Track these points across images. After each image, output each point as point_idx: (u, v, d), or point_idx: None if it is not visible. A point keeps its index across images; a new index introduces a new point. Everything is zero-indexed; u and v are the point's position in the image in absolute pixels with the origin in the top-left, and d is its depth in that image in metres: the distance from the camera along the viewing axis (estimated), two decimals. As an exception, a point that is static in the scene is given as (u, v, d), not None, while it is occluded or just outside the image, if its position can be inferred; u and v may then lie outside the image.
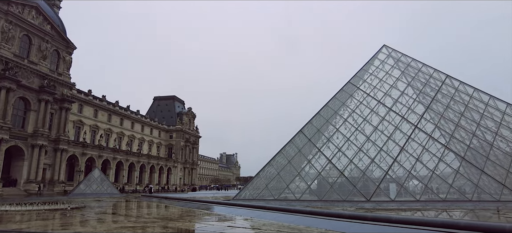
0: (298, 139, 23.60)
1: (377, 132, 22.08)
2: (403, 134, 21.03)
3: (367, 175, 20.14)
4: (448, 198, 17.62)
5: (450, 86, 23.98)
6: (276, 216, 11.39)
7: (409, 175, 19.14)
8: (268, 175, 22.62)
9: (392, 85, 24.62)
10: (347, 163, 21.25)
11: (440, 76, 24.77)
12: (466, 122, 21.56)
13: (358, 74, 26.80)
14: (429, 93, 23.84)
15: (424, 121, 21.60)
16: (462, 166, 19.58)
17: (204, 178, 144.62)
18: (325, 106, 24.76)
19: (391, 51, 27.86)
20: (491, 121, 21.39)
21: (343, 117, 24.39)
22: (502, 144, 20.13)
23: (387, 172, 19.33)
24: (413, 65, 26.31)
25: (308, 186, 20.72)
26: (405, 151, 20.21)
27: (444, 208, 15.20)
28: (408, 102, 23.42)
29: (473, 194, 17.63)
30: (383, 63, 27.02)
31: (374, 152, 21.27)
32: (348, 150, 22.15)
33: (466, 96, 23.09)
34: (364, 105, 24.33)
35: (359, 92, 25.49)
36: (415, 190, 19.39)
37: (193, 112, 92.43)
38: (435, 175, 18.86)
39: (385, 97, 23.80)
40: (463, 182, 19.01)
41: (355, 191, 18.95)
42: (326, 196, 19.72)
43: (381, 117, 22.59)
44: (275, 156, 22.78)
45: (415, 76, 25.24)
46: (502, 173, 18.10)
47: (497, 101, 22.31)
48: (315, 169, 21.46)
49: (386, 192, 19.07)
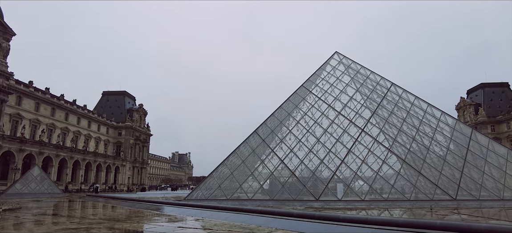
0: (252, 139, 23.83)
1: (327, 134, 23.03)
2: (350, 137, 22.15)
3: (316, 175, 20.94)
4: (390, 198, 18.89)
5: (394, 93, 25.68)
6: (228, 216, 11.41)
7: (355, 176, 20.23)
8: (222, 175, 22.56)
9: (342, 91, 25.82)
10: (298, 164, 21.90)
11: (386, 83, 26.44)
12: (408, 127, 23.24)
13: (311, 78, 27.73)
14: (375, 99, 25.34)
15: (370, 125, 22.92)
16: (402, 168, 21.10)
17: (154, 177, 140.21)
18: (279, 108, 25.29)
19: (342, 58, 29.19)
20: (428, 127, 23.29)
21: (296, 119, 25.09)
22: (436, 148, 22.03)
23: (335, 172, 20.23)
24: (362, 72, 27.80)
25: (260, 185, 21.00)
26: (352, 153, 21.30)
27: (386, 207, 16.25)
28: (356, 107, 24.72)
29: (411, 194, 19.10)
30: (334, 69, 28.23)
31: (323, 153, 22.14)
32: (300, 150, 22.86)
33: (408, 103, 24.89)
34: (315, 109, 25.22)
35: (311, 96, 26.37)
36: (360, 190, 20.55)
37: (145, 109, 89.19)
38: (379, 176, 20.10)
39: (335, 102, 24.90)
40: (403, 183, 20.50)
41: (305, 191, 19.58)
42: (277, 195, 20.14)
43: (331, 120, 23.59)
44: (229, 156, 22.78)
45: (363, 83, 26.70)
46: (436, 175, 19.80)
47: (434, 109, 24.34)
48: (268, 169, 21.82)
49: (334, 191, 19.97)
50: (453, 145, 22.08)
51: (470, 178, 19.59)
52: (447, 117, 23.97)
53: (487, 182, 19.43)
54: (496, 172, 20.17)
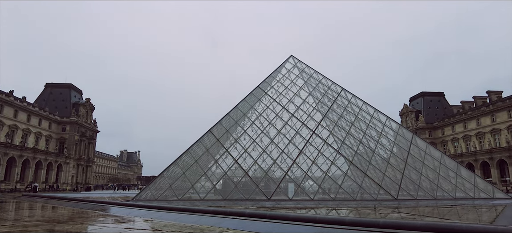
0: (206, 138, 23.58)
1: (280, 135, 23.52)
2: (302, 138, 22.83)
3: (269, 175, 21.29)
4: (337, 197, 19.75)
5: (344, 98, 26.92)
6: (179, 217, 11.18)
7: (305, 176, 20.88)
8: (173, 175, 22.03)
9: (296, 93, 26.53)
10: (252, 164, 22.10)
11: (336, 88, 27.63)
12: (355, 130, 24.47)
13: (267, 80, 28.14)
14: (326, 103, 26.37)
15: (321, 127, 23.80)
16: (350, 169, 22.17)
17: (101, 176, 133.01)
18: (235, 108, 25.32)
19: (297, 62, 29.99)
20: (374, 131, 24.73)
21: (251, 119, 25.29)
22: (381, 151, 23.46)
23: (287, 172, 20.72)
24: (315, 77, 28.79)
25: (213, 185, 20.86)
26: (303, 154, 21.95)
27: (334, 207, 16.96)
28: (308, 109, 25.53)
29: (357, 194, 20.14)
30: (289, 72, 28.92)
31: (276, 153, 22.56)
32: (254, 151, 23.08)
33: (356, 108, 26.23)
34: (270, 110, 25.63)
35: (266, 97, 26.75)
36: (310, 190, 21.23)
37: (92, 104, 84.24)
38: (328, 176, 20.94)
39: (289, 104, 25.51)
40: (350, 183, 21.56)
41: (257, 190, 19.81)
42: (230, 195, 20.14)
43: (284, 121, 24.13)
44: (182, 155, 22.33)
45: (316, 87, 27.66)
46: (380, 176, 21.09)
47: (380, 114, 25.91)
48: (222, 169, 21.73)
49: (285, 191, 20.46)
50: (396, 148, 23.64)
51: (409, 179, 21.11)
52: (392, 122, 25.63)
53: (424, 183, 21.09)
54: (431, 174, 21.97)
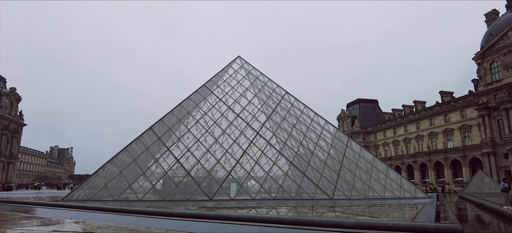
0: (147, 136, 22.65)
1: (225, 135, 23.51)
2: (246, 139, 23.07)
3: (212, 175, 21.14)
4: (278, 197, 20.27)
5: (287, 101, 27.76)
6: (114, 218, 10.59)
7: (248, 176, 21.11)
8: (109, 174, 20.80)
9: (242, 94, 26.73)
10: (194, 163, 21.74)
11: (280, 91, 28.40)
12: (297, 132, 25.37)
13: (213, 79, 27.93)
14: (271, 105, 26.97)
15: (265, 128, 24.28)
16: (290, 170, 22.92)
17: (26, 174, 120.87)
18: (179, 106, 24.70)
19: (244, 63, 30.22)
20: (314, 134, 25.85)
21: (196, 118, 24.88)
22: (319, 152, 24.61)
23: (230, 172, 20.76)
24: (261, 79, 29.27)
25: (152, 185, 20.10)
26: (247, 154, 22.19)
27: (274, 206, 17.38)
28: (253, 111, 25.88)
29: (296, 193, 20.88)
30: (236, 73, 29.04)
31: (220, 153, 22.50)
32: (197, 150, 22.74)
33: (298, 111, 27.20)
34: (215, 109, 25.48)
35: (212, 96, 26.55)
36: (252, 190, 21.52)
37: (18, 94, 76.22)
38: (269, 176, 21.41)
39: (235, 104, 25.61)
40: (290, 183, 22.28)
41: (199, 191, 19.54)
42: (170, 196, 19.59)
43: (229, 121, 24.16)
44: (119, 153, 21.19)
45: (262, 89, 28.15)
46: (318, 176, 22.11)
47: (319, 118, 27.16)
48: (162, 168, 21.04)
49: (227, 191, 20.48)
50: (333, 151, 24.98)
51: (344, 180, 22.44)
52: (330, 126, 27.02)
53: (357, 183, 22.57)
54: (364, 175, 23.60)
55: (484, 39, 57.57)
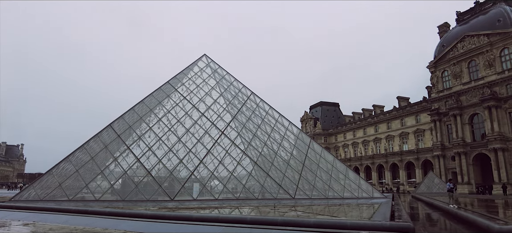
0: (106, 134, 21.76)
1: (189, 134, 23.15)
2: (211, 138, 22.87)
3: (174, 175, 20.72)
4: (241, 197, 20.31)
5: (253, 101, 27.90)
6: (68, 219, 10.06)
7: (212, 176, 20.96)
8: (64, 173, 19.72)
9: (207, 93, 26.47)
10: (156, 163, 21.19)
11: (247, 92, 28.48)
12: (261, 133, 25.58)
13: (177, 76, 27.40)
14: (236, 105, 26.96)
15: (230, 128, 24.23)
16: (254, 170, 23.05)
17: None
18: (141, 103, 23.97)
19: (210, 62, 29.94)
20: (278, 134, 26.21)
21: (158, 116, 24.25)
22: (283, 153, 25.00)
23: (193, 172, 20.48)
24: (227, 78, 29.17)
25: (111, 185, 19.34)
26: (211, 154, 22.02)
27: (237, 206, 17.39)
28: (218, 110, 25.73)
29: (259, 193, 21.05)
30: (202, 71, 28.70)
31: (183, 153, 22.12)
32: (159, 149, 22.17)
33: (263, 112, 27.43)
34: (179, 108, 25.00)
35: (176, 94, 26.02)
36: (215, 190, 21.38)
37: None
38: (233, 176, 21.40)
39: (200, 103, 25.30)
40: (253, 183, 22.42)
41: (160, 191, 19.09)
42: (129, 196, 18.95)
43: (193, 120, 23.83)
44: (75, 151, 20.16)
45: (227, 89, 28.06)
46: (280, 176, 22.44)
47: (283, 119, 27.57)
48: (121, 167, 20.30)
49: (190, 191, 20.19)
50: (296, 151, 25.48)
51: (306, 180, 22.97)
52: (293, 127, 27.53)
53: (318, 183, 23.19)
54: (324, 176, 24.30)
55: (437, 49, 61.55)
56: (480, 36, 52.58)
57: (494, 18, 52.68)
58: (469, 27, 56.37)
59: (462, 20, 60.45)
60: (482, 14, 56.24)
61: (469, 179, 51.48)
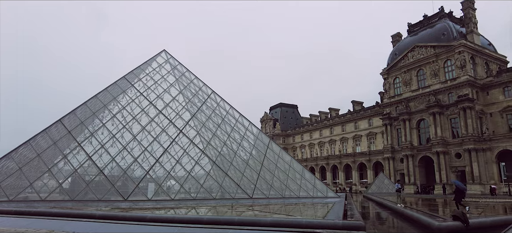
0: (55, 129, 20.42)
1: (145, 132, 22.39)
2: (168, 137, 22.31)
3: (128, 174, 19.94)
4: (198, 197, 20.06)
5: (213, 100, 27.67)
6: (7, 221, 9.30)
7: (168, 176, 20.45)
8: (5, 171, 18.18)
9: (166, 90, 25.80)
10: (109, 161, 20.23)
11: (207, 90, 28.16)
12: (221, 132, 25.45)
13: (134, 71, 26.42)
14: (196, 103, 26.57)
15: (189, 127, 23.81)
16: (212, 169, 22.87)
17: None
18: (94, 98, 22.80)
19: (169, 58, 29.21)
20: (237, 134, 26.24)
21: (112, 112, 23.21)
22: (242, 153, 25.07)
23: (148, 171, 19.86)
24: (187, 76, 28.64)
25: (59, 184, 18.16)
26: (168, 153, 21.49)
27: (194, 206, 17.16)
28: (177, 108, 25.17)
29: (217, 193, 20.94)
30: (161, 67, 27.91)
31: (138, 151, 21.35)
32: (112, 147, 21.18)
33: (224, 111, 27.31)
34: (135, 104, 24.11)
35: (133, 90, 25.06)
36: (171, 190, 20.92)
37: None
38: (191, 176, 21.05)
39: (157, 100, 24.59)
40: (212, 183, 22.24)
41: (113, 190, 18.29)
42: (79, 195, 17.95)
43: (150, 117, 23.10)
44: (19, 147, 18.69)
45: (187, 86, 27.55)
46: (239, 176, 22.48)
47: (244, 119, 27.66)
48: (71, 165, 19.16)
49: (145, 191, 19.55)
50: (255, 151, 25.68)
51: (264, 180, 23.22)
52: (253, 127, 27.71)
53: (276, 183, 23.56)
54: (282, 175, 24.75)
55: (390, 57, 65.28)
56: (427, 47, 56.61)
57: (439, 31, 56.99)
58: (418, 38, 60.46)
59: (412, 31, 64.68)
60: (429, 27, 60.58)
61: (415, 180, 55.20)
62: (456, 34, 53.84)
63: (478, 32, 55.82)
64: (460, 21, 58.62)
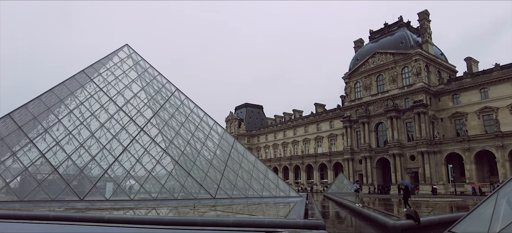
0: (3, 125, 19.00)
1: (104, 129, 21.45)
2: (129, 135, 21.54)
3: (84, 173, 18.99)
4: (159, 197, 19.55)
5: (177, 98, 27.10)
6: None
7: (127, 175, 19.74)
8: None
9: (127, 86, 24.90)
10: (64, 159, 19.14)
11: (171, 88, 27.53)
12: (185, 131, 25.00)
13: (94, 65, 25.24)
14: (159, 101, 25.89)
15: (150, 125, 23.15)
16: (175, 169, 22.39)
17: None
18: (49, 92, 21.50)
19: (132, 53, 28.22)
20: (202, 133, 25.93)
21: (69, 107, 22.00)
22: (206, 152, 24.80)
23: (107, 170, 19.06)
24: (150, 72, 27.83)
25: (6, 183, 16.90)
26: (128, 151, 20.74)
27: (154, 206, 16.71)
28: (138, 105, 24.36)
29: (179, 193, 20.53)
30: (122, 62, 26.89)
31: (97, 149, 20.41)
32: (68, 144, 20.07)
33: (188, 109, 26.85)
34: (94, 100, 23.05)
35: (92, 84, 23.94)
36: (131, 190, 20.22)
37: None
38: (152, 176, 20.45)
39: (118, 96, 23.65)
40: (173, 183, 21.77)
41: (68, 190, 17.34)
42: (30, 195, 16.82)
43: (110, 114, 22.18)
44: (-40, 143, 17.17)
45: (150, 83, 26.76)
46: (202, 176, 22.23)
47: (208, 118, 27.38)
48: (21, 163, 17.90)
49: (102, 191, 18.73)
50: (219, 151, 25.52)
51: (228, 179, 23.15)
52: (218, 127, 27.51)
53: (239, 183, 23.58)
54: (245, 175, 24.81)
55: (352, 62, 67.76)
56: (387, 54, 59.45)
57: (398, 39, 60.09)
58: (379, 45, 63.33)
59: (373, 38, 67.62)
60: (389, 35, 63.68)
61: (372, 180, 57.72)
62: (413, 43, 57.04)
63: (432, 42, 59.56)
64: (417, 31, 62.18)
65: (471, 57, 59.64)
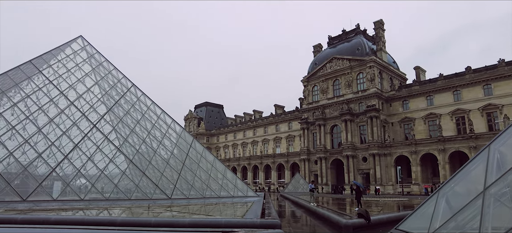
0: None
1: (53, 124, 20.10)
2: (80, 131, 20.41)
3: (29, 171, 17.65)
4: (112, 197, 18.72)
5: (134, 94, 26.12)
6: None
7: (78, 174, 18.70)
8: None
9: (80, 80, 23.57)
10: (5, 156, 17.63)
11: (127, 83, 26.47)
12: (140, 129, 24.17)
13: (44, 57, 23.56)
14: (114, 96, 24.79)
15: (104, 121, 22.10)
16: (129, 168, 21.57)
17: None
18: (-11, 83, 19.74)
19: (86, 45, 26.75)
20: (159, 131, 25.22)
21: (13, 100, 20.33)
22: (163, 151, 24.17)
23: (55, 169, 17.90)
24: (105, 66, 26.55)
25: None
26: (79, 149, 19.64)
27: (106, 207, 16.00)
28: (92, 100, 23.16)
29: (133, 193, 19.82)
30: (75, 54, 25.39)
31: (44, 146, 19.06)
32: (11, 140, 18.55)
33: (144, 106, 25.98)
34: (43, 93, 21.51)
35: (40, 76, 22.33)
36: (81, 189, 19.16)
37: None
38: (104, 175, 19.51)
39: (69, 90, 22.32)
40: (127, 182, 20.95)
41: (8, 190, 16.04)
42: (-37, 195, 15.35)
43: (60, 109, 20.85)
44: None
45: (105, 77, 25.53)
46: (158, 176, 21.66)
47: (166, 116, 26.71)
48: (-46, 159, 16.26)
49: (49, 190, 17.56)
50: (177, 150, 25.00)
51: (185, 179, 22.76)
52: (176, 125, 26.93)
53: (197, 183, 23.29)
54: (204, 175, 24.57)
55: (311, 66, 69.73)
56: (344, 60, 61.96)
57: (355, 46, 62.88)
58: (336, 51, 65.79)
59: (332, 43, 70.13)
60: (347, 41, 66.42)
61: (327, 180, 59.83)
62: (368, 50, 59.98)
63: (386, 51, 63.08)
64: (372, 39, 65.47)
65: (420, 67, 64.08)
